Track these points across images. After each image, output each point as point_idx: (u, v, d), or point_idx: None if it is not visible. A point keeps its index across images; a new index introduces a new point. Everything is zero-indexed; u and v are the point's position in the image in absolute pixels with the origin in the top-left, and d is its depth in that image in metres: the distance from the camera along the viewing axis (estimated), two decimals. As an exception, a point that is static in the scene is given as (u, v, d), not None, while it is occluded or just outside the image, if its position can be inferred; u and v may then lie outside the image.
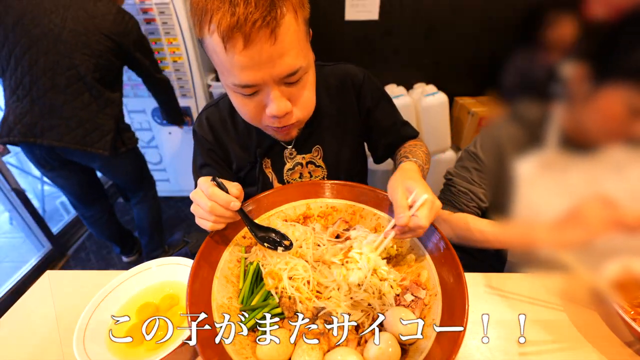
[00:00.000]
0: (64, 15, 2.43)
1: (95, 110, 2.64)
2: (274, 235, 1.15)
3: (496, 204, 1.49)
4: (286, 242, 1.13)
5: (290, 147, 1.47)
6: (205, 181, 1.08)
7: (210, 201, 1.05)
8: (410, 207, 1.05)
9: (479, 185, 1.50)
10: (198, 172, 1.49)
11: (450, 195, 1.56)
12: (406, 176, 1.16)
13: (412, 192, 1.07)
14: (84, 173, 3.04)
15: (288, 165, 1.49)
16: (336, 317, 0.98)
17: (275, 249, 1.12)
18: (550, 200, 1.32)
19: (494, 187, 1.49)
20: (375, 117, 1.55)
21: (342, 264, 1.07)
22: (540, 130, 1.29)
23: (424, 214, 1.02)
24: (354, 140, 1.58)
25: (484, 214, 1.55)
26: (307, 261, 1.13)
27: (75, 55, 2.46)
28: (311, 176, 1.53)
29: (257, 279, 1.13)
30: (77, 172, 2.99)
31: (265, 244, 1.13)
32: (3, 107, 2.71)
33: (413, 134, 1.64)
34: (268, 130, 1.27)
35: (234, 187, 1.10)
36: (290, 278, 1.06)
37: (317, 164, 1.52)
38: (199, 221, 1.11)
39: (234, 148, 1.46)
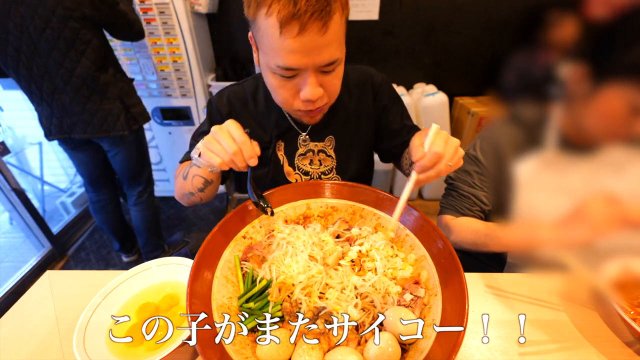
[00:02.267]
0: (32, 13, 2.38)
1: (98, 99, 2.72)
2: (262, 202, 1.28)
3: (498, 206, 1.49)
4: (268, 209, 1.27)
5: (304, 133, 1.52)
6: (236, 126, 1.11)
7: (236, 145, 1.09)
8: None
9: (481, 189, 1.50)
10: (197, 136, 1.55)
11: (452, 200, 1.55)
12: (421, 132, 1.17)
13: (427, 135, 1.10)
14: (100, 155, 3.14)
15: (300, 151, 1.54)
16: (336, 317, 0.98)
17: (265, 212, 1.27)
18: (551, 200, 1.33)
19: (495, 189, 1.49)
20: (387, 118, 1.60)
21: (357, 265, 1.11)
22: (539, 131, 1.29)
23: (439, 142, 1.06)
24: (365, 142, 1.63)
25: (487, 217, 1.55)
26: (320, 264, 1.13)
27: (54, 53, 2.49)
28: (320, 164, 1.56)
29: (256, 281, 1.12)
30: (95, 151, 3.09)
31: (259, 206, 1.26)
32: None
33: None
34: (296, 113, 1.33)
35: (256, 146, 1.15)
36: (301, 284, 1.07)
37: (328, 154, 1.56)
38: (208, 154, 1.12)
39: (250, 125, 1.47)
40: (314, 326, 0.97)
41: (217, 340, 0.88)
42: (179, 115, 4.00)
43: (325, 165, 1.57)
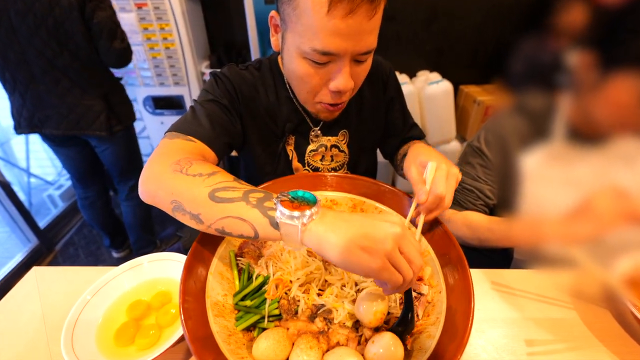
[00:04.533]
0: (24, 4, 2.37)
1: (79, 93, 2.67)
2: None
3: (503, 199, 1.48)
4: None
5: (317, 128, 1.49)
6: (407, 229, 0.83)
7: (422, 260, 0.84)
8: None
9: (485, 182, 1.49)
10: (204, 103, 1.31)
11: (455, 194, 1.55)
12: (418, 153, 1.20)
13: (425, 166, 1.12)
14: (87, 151, 3.10)
15: (311, 147, 1.51)
16: (336, 315, 0.98)
17: None
18: (558, 194, 1.32)
19: (500, 182, 1.49)
20: (392, 112, 1.61)
21: None
22: (546, 122, 1.28)
23: (440, 182, 1.06)
24: (376, 136, 1.63)
25: (491, 211, 1.55)
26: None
27: (35, 40, 2.44)
28: (332, 160, 1.55)
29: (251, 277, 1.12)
30: (82, 147, 3.05)
31: None
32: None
33: (420, 136, 1.68)
34: (316, 106, 1.30)
35: None
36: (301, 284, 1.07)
37: (341, 149, 1.54)
38: (392, 272, 0.79)
39: (261, 114, 1.43)
40: (312, 325, 0.97)
41: (211, 339, 0.88)
42: (172, 104, 4.00)
43: (337, 161, 1.56)
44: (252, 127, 1.43)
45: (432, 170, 1.08)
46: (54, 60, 2.51)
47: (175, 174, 0.97)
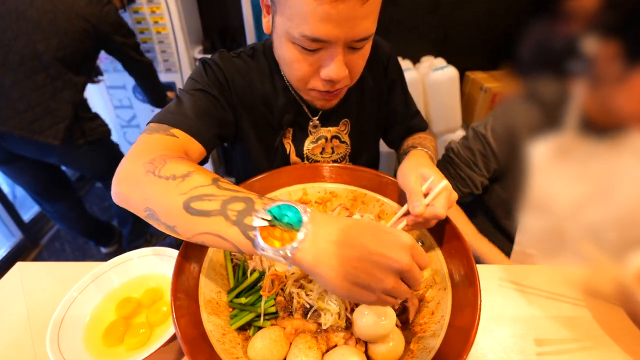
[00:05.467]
0: None
1: (49, 92, 2.54)
2: None
3: (509, 193, 1.48)
4: None
5: (316, 118, 1.46)
6: (417, 246, 0.76)
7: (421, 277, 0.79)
8: (426, 195, 1.06)
9: (480, 172, 1.49)
10: (189, 91, 1.27)
11: (447, 175, 1.55)
12: (419, 163, 1.17)
13: (427, 179, 1.08)
14: (40, 169, 2.97)
15: (311, 139, 1.48)
16: (324, 318, 0.98)
17: None
18: (567, 188, 1.32)
19: (505, 175, 1.48)
20: (393, 97, 1.59)
21: None
22: (558, 111, 1.27)
23: (441, 203, 1.03)
24: (379, 125, 1.62)
25: (475, 199, 1.56)
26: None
27: (36, 32, 2.41)
28: (333, 152, 1.53)
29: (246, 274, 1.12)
30: (32, 167, 2.92)
31: None
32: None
33: (422, 126, 1.68)
34: (309, 93, 1.27)
35: None
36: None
37: (342, 140, 1.52)
38: (388, 301, 0.77)
39: (257, 104, 1.40)
40: (310, 324, 0.97)
41: (204, 338, 0.88)
42: (163, 91, 3.96)
43: (338, 152, 1.53)
44: (247, 119, 1.41)
45: (440, 189, 1.05)
46: (43, 54, 2.45)
47: (148, 175, 0.91)
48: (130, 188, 0.94)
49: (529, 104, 1.37)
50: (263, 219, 0.76)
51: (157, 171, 0.90)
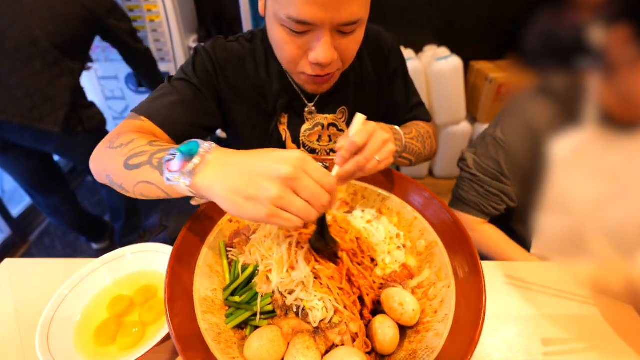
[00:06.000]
0: None
1: (47, 79, 2.55)
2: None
3: (528, 193, 1.46)
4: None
5: (311, 104, 1.48)
6: (312, 162, 0.82)
7: (329, 195, 0.83)
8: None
9: (509, 180, 1.48)
10: (173, 81, 1.37)
11: (476, 196, 1.53)
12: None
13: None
14: (35, 159, 2.98)
15: (307, 125, 1.50)
16: (311, 315, 0.97)
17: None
18: (591, 185, 1.30)
19: (524, 174, 1.47)
20: (393, 87, 1.59)
21: None
22: (575, 105, 1.26)
23: (361, 133, 1.03)
24: (378, 115, 1.61)
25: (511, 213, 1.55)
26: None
27: (33, 18, 2.41)
28: (330, 140, 1.53)
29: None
30: (27, 157, 2.93)
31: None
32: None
33: (423, 117, 1.67)
34: (300, 77, 1.29)
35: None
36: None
37: (340, 128, 1.53)
38: (286, 217, 0.80)
39: (249, 91, 1.43)
40: (307, 323, 0.97)
41: (199, 338, 0.88)
42: (157, 81, 3.95)
43: (335, 141, 1.53)
44: (238, 106, 1.44)
45: (358, 122, 1.04)
46: (40, 39, 2.45)
47: (106, 150, 1.08)
48: (96, 162, 1.12)
49: (543, 99, 1.36)
50: (171, 154, 0.85)
51: (111, 144, 1.07)
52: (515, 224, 1.61)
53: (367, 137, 1.03)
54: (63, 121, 2.63)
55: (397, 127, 1.37)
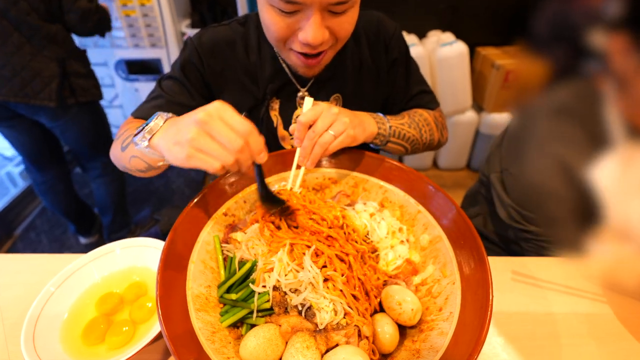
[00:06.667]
0: None
1: (29, 52, 2.57)
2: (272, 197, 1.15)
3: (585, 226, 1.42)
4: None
5: (304, 89, 1.49)
6: (232, 110, 0.91)
7: (241, 139, 0.90)
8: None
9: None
10: (164, 80, 1.48)
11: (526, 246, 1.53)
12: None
13: None
14: (38, 130, 3.01)
15: (299, 111, 1.50)
16: (319, 316, 0.97)
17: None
18: None
19: (576, 213, 1.43)
20: (394, 75, 1.59)
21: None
22: (595, 122, 1.23)
23: (308, 113, 1.15)
24: (377, 103, 1.61)
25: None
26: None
27: None
28: None
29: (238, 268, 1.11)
30: (30, 126, 2.95)
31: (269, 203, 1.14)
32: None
33: (427, 106, 1.66)
34: (291, 58, 1.30)
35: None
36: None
37: None
38: (198, 158, 0.89)
39: (238, 76, 1.46)
40: (307, 322, 0.96)
41: (193, 337, 0.88)
42: (148, 68, 3.98)
43: None
44: (227, 92, 1.47)
45: (307, 105, 1.14)
46: (7, 10, 2.42)
47: (116, 144, 1.31)
48: (112, 155, 1.36)
49: (559, 122, 1.33)
50: (142, 127, 1.03)
51: (118, 138, 1.32)
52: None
53: (313, 115, 1.13)
54: (56, 94, 2.67)
55: (380, 113, 1.41)
